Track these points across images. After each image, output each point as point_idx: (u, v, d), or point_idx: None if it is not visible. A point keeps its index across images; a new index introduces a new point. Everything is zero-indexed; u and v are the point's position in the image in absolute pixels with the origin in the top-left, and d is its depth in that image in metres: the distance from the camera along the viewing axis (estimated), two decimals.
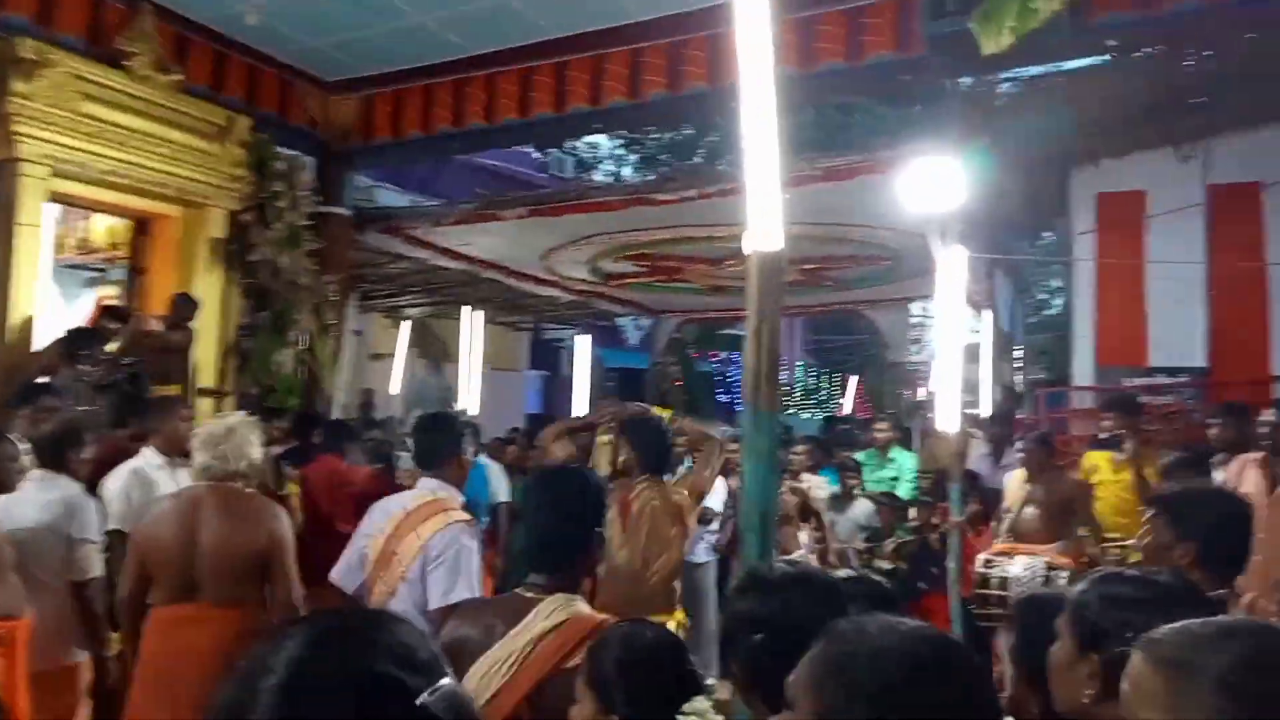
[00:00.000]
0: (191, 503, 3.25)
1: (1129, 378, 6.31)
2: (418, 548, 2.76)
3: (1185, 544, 2.22)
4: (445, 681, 0.78)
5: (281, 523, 3.26)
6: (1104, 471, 5.12)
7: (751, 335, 2.03)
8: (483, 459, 6.39)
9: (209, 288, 6.42)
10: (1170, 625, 1.05)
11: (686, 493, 3.76)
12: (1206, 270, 6.32)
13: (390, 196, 12.50)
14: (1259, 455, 4.07)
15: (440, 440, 3.07)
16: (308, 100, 7.34)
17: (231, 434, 3.29)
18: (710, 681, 1.62)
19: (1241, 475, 4.04)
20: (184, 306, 6.00)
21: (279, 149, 6.85)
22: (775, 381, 1.97)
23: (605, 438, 4.88)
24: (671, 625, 3.59)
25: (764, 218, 2.09)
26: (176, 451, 4.07)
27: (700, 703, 1.40)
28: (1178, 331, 6.35)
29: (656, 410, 4.66)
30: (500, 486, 6.36)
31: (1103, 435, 5.11)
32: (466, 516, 2.93)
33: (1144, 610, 1.37)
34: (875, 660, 1.05)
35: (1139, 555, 4.34)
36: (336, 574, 3.00)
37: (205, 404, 6.25)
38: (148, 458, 4.03)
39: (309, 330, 7.06)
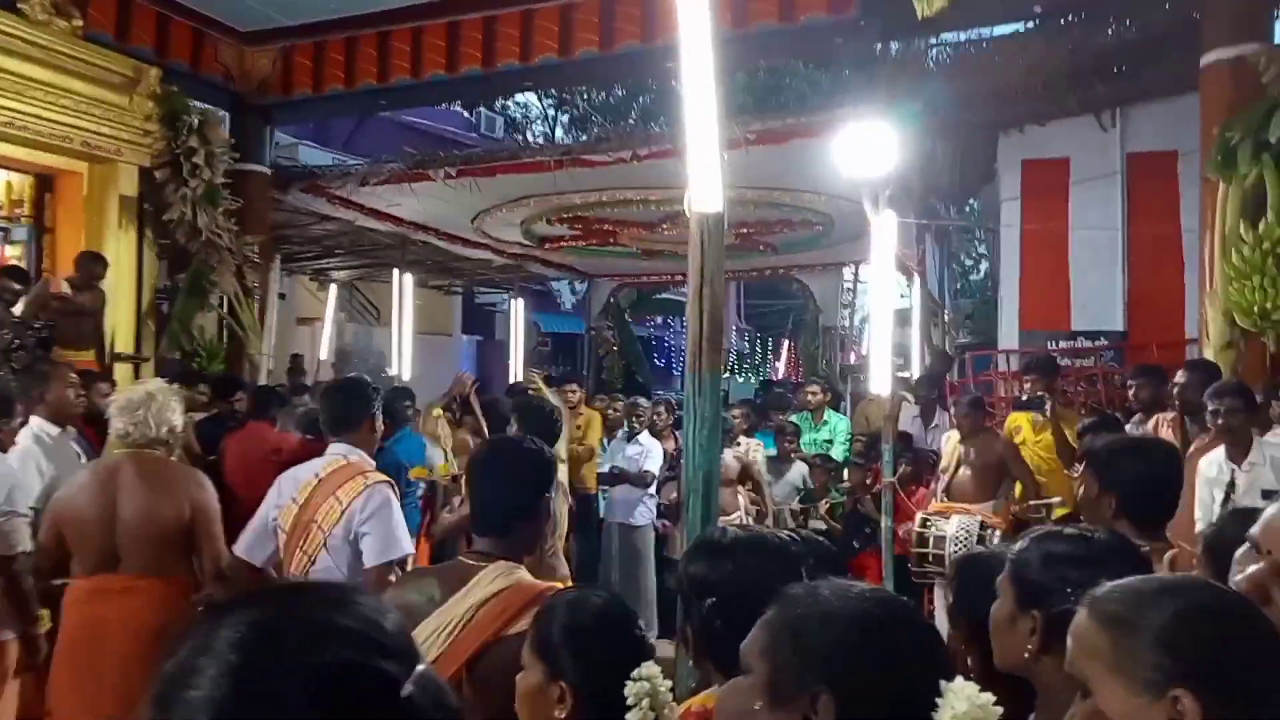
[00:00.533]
0: (110, 472, 3.13)
1: (1052, 341, 6.49)
2: (340, 513, 2.71)
3: (1107, 494, 2.28)
4: (422, 666, 0.68)
5: (205, 490, 3.18)
6: (1026, 432, 5.27)
7: (693, 298, 2.00)
8: None
9: (122, 248, 6.11)
10: (1114, 583, 1.06)
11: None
12: (1125, 236, 6.52)
13: (313, 155, 12.09)
14: (1172, 415, 4.23)
15: (349, 405, 3.00)
16: (221, 51, 6.99)
17: (151, 400, 3.17)
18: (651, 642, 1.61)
19: (1157, 434, 4.20)
20: (91, 265, 5.69)
21: (192, 102, 6.52)
22: (718, 345, 1.95)
23: (437, 411, 5.00)
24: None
25: (704, 179, 2.05)
26: (64, 420, 3.92)
27: (650, 667, 1.39)
28: (1098, 296, 6.55)
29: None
30: (436, 454, 6.25)
31: (1025, 397, 5.26)
32: (385, 477, 2.89)
33: (1082, 567, 1.40)
34: (827, 624, 1.05)
35: (1063, 510, 4.53)
36: (241, 547, 2.91)
37: (123, 370, 5.98)
38: (42, 426, 3.83)
39: (230, 293, 6.80)
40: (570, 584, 3.87)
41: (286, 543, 2.79)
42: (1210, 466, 3.84)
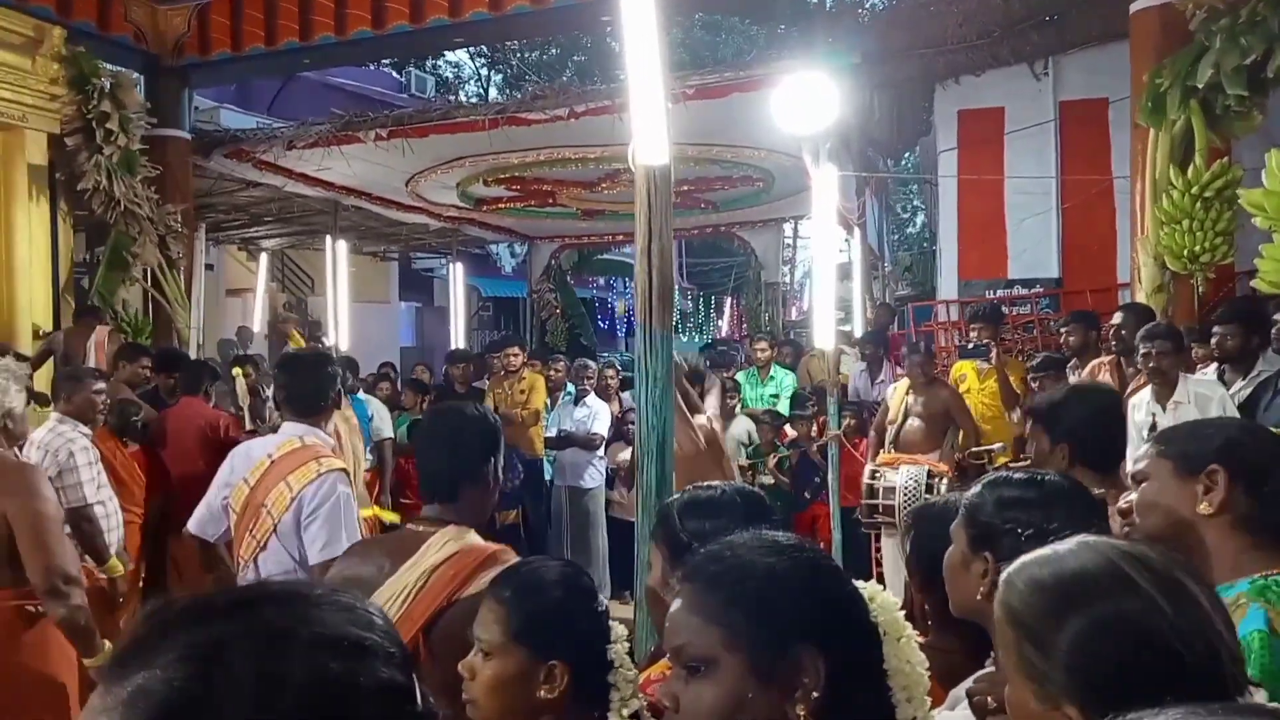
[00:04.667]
0: None
1: (990, 290, 6.61)
2: (289, 499, 2.57)
3: (1060, 446, 2.31)
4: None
5: (28, 494, 2.64)
6: (970, 380, 5.37)
7: (641, 255, 1.94)
8: (362, 395, 6.12)
9: (34, 220, 5.79)
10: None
11: None
12: (1058, 184, 6.63)
13: (235, 118, 11.61)
14: (1110, 359, 4.33)
15: (313, 383, 2.79)
16: (131, 9, 6.62)
17: None
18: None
19: (1095, 379, 4.30)
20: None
21: (102, 64, 6.16)
22: (669, 302, 1.90)
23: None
24: None
25: (649, 131, 1.98)
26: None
27: (620, 628, 1.38)
28: (1033, 244, 6.67)
29: None
30: (383, 422, 6.13)
31: (970, 345, 5.33)
32: (340, 464, 2.74)
33: (1032, 509, 1.41)
34: (776, 579, 1.02)
35: (1004, 458, 4.63)
36: (194, 524, 2.78)
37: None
38: None
39: (153, 265, 6.51)
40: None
41: (237, 524, 2.67)
42: (1137, 409, 3.95)
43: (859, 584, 1.08)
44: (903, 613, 1.08)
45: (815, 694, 0.95)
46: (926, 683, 1.07)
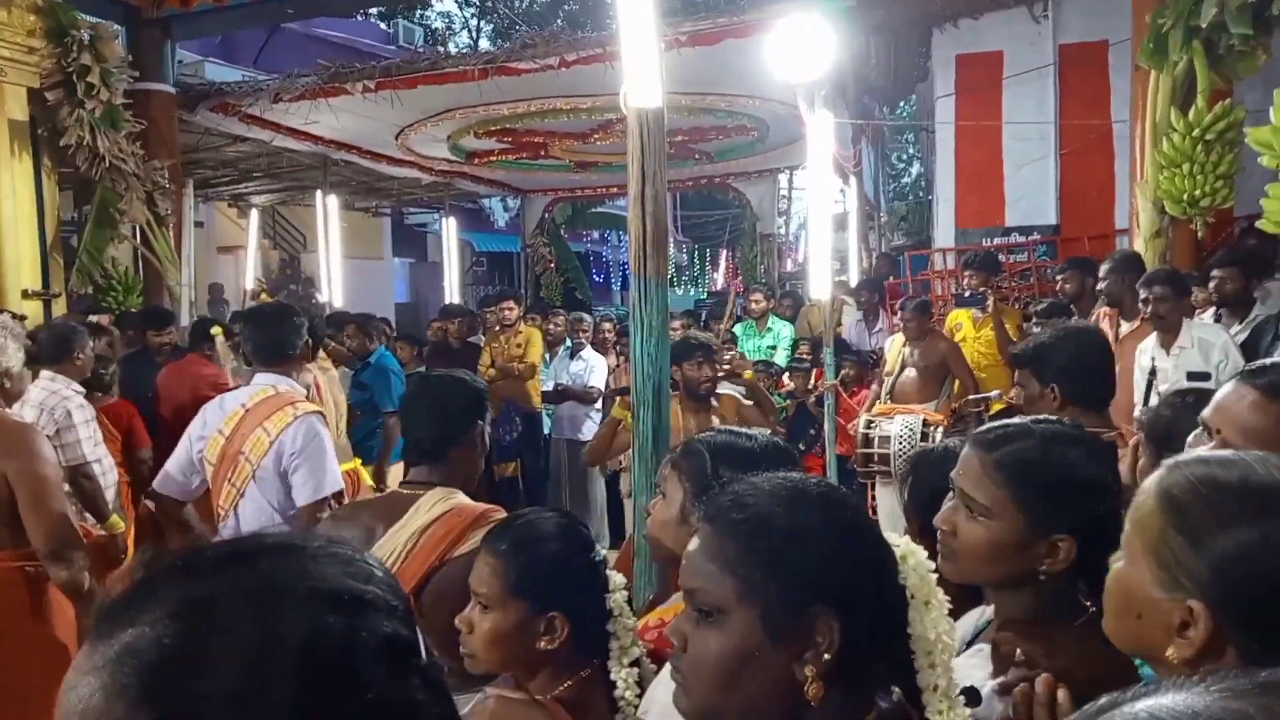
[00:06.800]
0: None
1: (988, 238, 6.57)
2: (267, 444, 2.64)
3: (1049, 388, 2.27)
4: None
5: (27, 454, 2.59)
6: (967, 329, 5.35)
7: (634, 201, 1.90)
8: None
9: (17, 176, 5.69)
10: (1193, 459, 1.00)
11: None
12: (1057, 129, 6.54)
13: (220, 72, 11.38)
14: (1110, 310, 4.30)
15: (280, 334, 2.85)
16: None
17: None
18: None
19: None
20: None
21: (81, 16, 6.01)
22: (663, 249, 1.86)
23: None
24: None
25: (641, 72, 1.93)
26: None
27: (618, 577, 1.38)
28: (1031, 191, 6.61)
29: None
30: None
31: (966, 294, 5.30)
32: (315, 407, 2.82)
33: (1099, 468, 1.29)
34: (796, 532, 0.98)
35: (1000, 405, 4.63)
36: (160, 483, 2.78)
37: (33, 307, 5.64)
38: None
39: (142, 222, 6.42)
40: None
41: (214, 475, 2.72)
42: (1143, 354, 3.94)
43: (894, 539, 1.02)
44: (935, 575, 1.02)
45: (827, 656, 0.92)
46: (954, 649, 1.03)
